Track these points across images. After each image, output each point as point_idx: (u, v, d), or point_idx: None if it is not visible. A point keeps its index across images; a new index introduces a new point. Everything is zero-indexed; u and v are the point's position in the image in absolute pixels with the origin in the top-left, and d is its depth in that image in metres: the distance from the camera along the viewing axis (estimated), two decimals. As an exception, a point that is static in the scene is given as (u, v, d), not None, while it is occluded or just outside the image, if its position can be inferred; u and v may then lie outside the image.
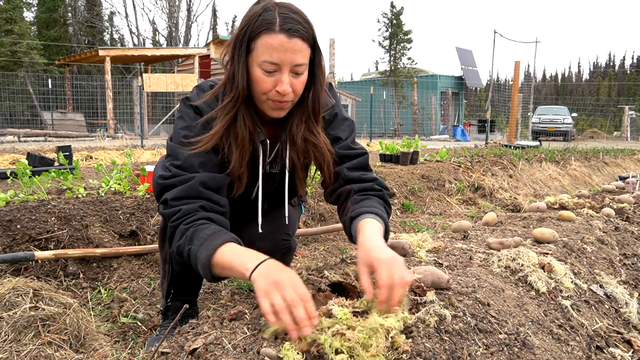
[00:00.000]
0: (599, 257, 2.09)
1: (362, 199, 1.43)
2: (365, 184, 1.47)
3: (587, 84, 64.75)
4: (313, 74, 1.37)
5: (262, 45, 1.26)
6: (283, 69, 1.28)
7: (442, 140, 17.18)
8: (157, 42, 29.75)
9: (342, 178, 1.49)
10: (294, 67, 1.28)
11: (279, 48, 1.25)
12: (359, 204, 1.40)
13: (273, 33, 1.25)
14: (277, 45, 1.25)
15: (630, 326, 1.69)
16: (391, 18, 22.93)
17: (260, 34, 1.26)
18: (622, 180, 5.16)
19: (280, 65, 1.27)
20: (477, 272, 1.53)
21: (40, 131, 12.64)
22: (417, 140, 5.53)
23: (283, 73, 1.28)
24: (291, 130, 1.44)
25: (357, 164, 1.51)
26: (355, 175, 1.48)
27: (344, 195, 1.49)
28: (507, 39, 20.11)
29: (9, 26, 17.26)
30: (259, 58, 1.27)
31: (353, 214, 1.37)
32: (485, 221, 2.51)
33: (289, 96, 1.32)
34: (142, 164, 5.45)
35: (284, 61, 1.26)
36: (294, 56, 1.27)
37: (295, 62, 1.27)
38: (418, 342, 1.05)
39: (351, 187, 1.47)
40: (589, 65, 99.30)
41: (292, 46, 1.26)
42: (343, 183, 1.49)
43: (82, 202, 2.61)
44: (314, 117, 1.43)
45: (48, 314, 1.52)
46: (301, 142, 1.44)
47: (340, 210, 1.51)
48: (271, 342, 1.01)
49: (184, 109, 1.42)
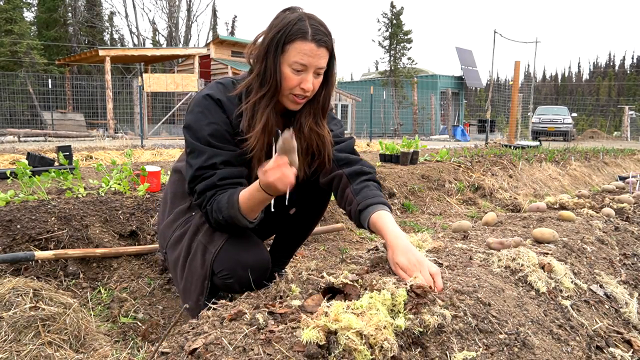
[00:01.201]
0: (599, 257, 2.09)
1: (361, 189, 1.64)
2: (354, 167, 1.71)
3: (587, 84, 64.76)
4: (327, 78, 1.64)
5: (295, 49, 1.51)
6: (309, 70, 1.54)
7: (442, 140, 17.18)
8: (157, 42, 29.74)
9: (332, 159, 1.74)
10: (317, 70, 1.55)
11: (309, 54, 1.51)
12: (361, 195, 1.62)
13: (306, 41, 1.51)
14: (308, 51, 1.51)
15: (630, 326, 1.69)
16: (391, 18, 22.93)
17: (296, 40, 1.51)
18: (622, 180, 5.16)
19: (308, 67, 1.53)
20: (477, 272, 1.53)
21: (40, 131, 12.63)
22: (417, 140, 5.53)
23: (308, 73, 1.54)
24: (300, 120, 1.67)
25: (344, 146, 1.77)
26: (343, 157, 1.74)
27: (336, 179, 1.72)
28: (507, 39, 20.09)
29: (9, 26, 17.25)
30: (291, 59, 1.52)
31: (361, 207, 1.59)
32: (485, 221, 2.51)
33: (309, 92, 1.57)
34: (142, 164, 5.45)
35: (311, 64, 1.53)
36: (319, 61, 1.54)
37: (319, 66, 1.55)
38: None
39: (342, 171, 1.70)
40: (589, 65, 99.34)
41: (319, 53, 1.53)
42: (333, 165, 1.74)
43: (82, 202, 2.61)
44: (322, 112, 1.69)
45: (48, 314, 1.52)
46: (307, 131, 1.67)
47: (338, 196, 1.72)
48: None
49: (206, 104, 1.61)
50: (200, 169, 1.57)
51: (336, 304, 1.10)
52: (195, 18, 36.54)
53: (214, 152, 1.57)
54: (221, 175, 1.57)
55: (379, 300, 1.14)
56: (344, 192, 1.68)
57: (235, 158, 1.60)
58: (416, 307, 1.19)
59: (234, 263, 1.59)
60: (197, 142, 1.58)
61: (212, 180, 1.56)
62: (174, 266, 1.75)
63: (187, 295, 1.70)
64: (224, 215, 1.55)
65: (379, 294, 1.17)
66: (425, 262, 1.39)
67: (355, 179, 1.68)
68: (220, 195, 1.56)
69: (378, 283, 1.28)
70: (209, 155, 1.57)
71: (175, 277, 1.76)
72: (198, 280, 1.66)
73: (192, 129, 1.59)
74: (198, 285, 1.66)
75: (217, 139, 1.58)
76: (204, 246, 1.65)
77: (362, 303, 1.13)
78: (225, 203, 1.53)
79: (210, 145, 1.57)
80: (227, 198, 1.54)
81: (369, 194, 1.61)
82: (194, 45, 26.70)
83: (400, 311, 1.15)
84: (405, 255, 1.41)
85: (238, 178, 1.60)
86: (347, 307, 1.10)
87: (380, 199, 1.60)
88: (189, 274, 1.68)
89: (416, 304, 1.20)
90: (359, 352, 0.98)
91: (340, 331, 1.00)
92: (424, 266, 1.37)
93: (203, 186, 1.57)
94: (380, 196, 1.62)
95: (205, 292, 1.65)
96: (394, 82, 22.16)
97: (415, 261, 1.39)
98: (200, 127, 1.58)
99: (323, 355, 0.97)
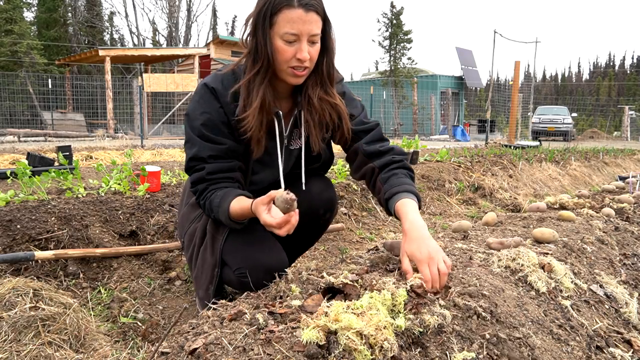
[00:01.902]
0: (599, 257, 2.09)
1: (389, 177, 1.60)
2: (385, 158, 1.66)
3: (587, 84, 64.74)
4: (325, 44, 1.56)
5: (283, 19, 1.45)
6: (302, 39, 1.47)
7: (442, 140, 17.17)
8: (157, 42, 29.73)
9: (362, 153, 1.69)
10: (310, 37, 1.48)
11: (298, 21, 1.44)
12: (388, 183, 1.59)
13: (293, 8, 1.44)
14: (297, 18, 1.44)
15: (630, 326, 1.69)
16: (391, 18, 22.90)
17: (282, 9, 1.44)
18: (622, 180, 5.16)
19: (299, 36, 1.46)
20: (477, 272, 1.53)
21: (40, 131, 12.64)
22: (417, 140, 5.53)
23: (302, 42, 1.47)
24: (307, 92, 1.61)
25: (372, 137, 1.71)
26: (373, 149, 1.68)
27: (369, 173, 1.68)
28: (507, 39, 20.12)
29: (9, 26, 17.24)
30: (281, 30, 1.45)
31: (387, 195, 1.56)
32: (485, 221, 2.51)
33: (307, 63, 1.50)
34: (142, 164, 5.45)
35: (302, 32, 1.45)
36: (310, 27, 1.46)
37: (312, 33, 1.47)
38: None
39: (374, 164, 1.66)
40: (589, 65, 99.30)
41: (309, 19, 1.45)
42: (364, 159, 1.69)
43: (82, 202, 2.61)
44: (328, 80, 1.62)
45: (48, 314, 1.52)
46: (317, 102, 1.61)
47: (371, 187, 1.70)
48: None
49: (202, 92, 1.59)
50: (192, 159, 1.58)
51: (336, 304, 1.10)
52: (195, 18, 36.57)
53: (204, 145, 1.56)
54: (209, 170, 1.56)
55: (379, 300, 1.14)
56: (375, 183, 1.66)
57: (225, 151, 1.58)
58: (416, 307, 1.19)
59: (254, 262, 1.59)
60: (191, 132, 1.58)
61: (201, 174, 1.57)
62: (190, 256, 1.79)
63: (198, 283, 1.74)
64: (214, 215, 1.58)
65: (379, 294, 1.17)
66: (437, 256, 1.33)
67: (385, 168, 1.65)
68: (212, 195, 1.56)
69: (378, 283, 1.28)
70: (200, 148, 1.57)
71: (191, 266, 1.80)
72: (208, 269, 1.68)
73: (189, 117, 1.60)
74: (208, 274, 1.68)
75: (209, 129, 1.57)
76: (212, 235, 1.68)
77: (362, 303, 1.13)
78: (217, 206, 1.54)
79: (202, 137, 1.57)
80: (219, 202, 1.54)
81: (395, 182, 1.58)
82: (194, 45, 26.69)
83: (400, 311, 1.15)
84: (416, 244, 1.37)
85: (227, 172, 1.60)
86: (347, 307, 1.10)
87: (406, 186, 1.56)
88: (200, 263, 1.72)
89: (416, 304, 1.20)
90: (359, 352, 0.98)
91: (340, 331, 1.00)
92: (434, 261, 1.32)
93: (194, 178, 1.60)
94: (408, 183, 1.58)
95: (214, 281, 1.67)
96: (394, 82, 22.14)
97: (426, 253, 1.34)
98: (195, 116, 1.58)
99: (323, 355, 0.97)
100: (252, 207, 1.44)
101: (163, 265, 2.44)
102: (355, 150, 1.72)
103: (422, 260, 1.33)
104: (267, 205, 1.39)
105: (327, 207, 1.85)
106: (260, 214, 1.39)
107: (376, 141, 1.71)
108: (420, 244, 1.37)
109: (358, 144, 1.71)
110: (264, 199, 1.39)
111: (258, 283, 1.57)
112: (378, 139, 1.72)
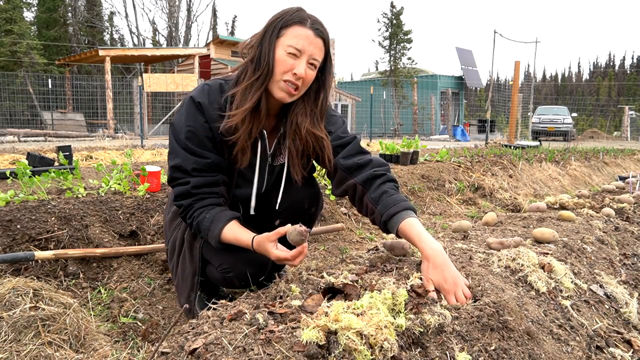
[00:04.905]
0: (599, 257, 2.09)
1: (379, 196, 1.57)
2: (365, 172, 1.63)
3: (587, 84, 64.74)
4: (324, 78, 1.61)
5: (292, 32, 1.50)
6: (303, 56, 1.50)
7: (442, 140, 17.17)
8: (157, 42, 29.72)
9: (340, 168, 1.67)
10: (311, 59, 1.51)
11: (305, 39, 1.49)
12: (382, 203, 1.55)
13: (304, 27, 1.50)
14: (304, 36, 1.50)
15: (630, 326, 1.69)
16: (391, 18, 22.91)
17: (293, 24, 1.50)
18: (622, 180, 5.16)
19: (302, 52, 1.50)
20: (477, 272, 1.53)
21: (40, 131, 12.62)
22: (417, 140, 5.52)
23: (302, 59, 1.50)
24: (297, 120, 1.62)
25: (349, 150, 1.69)
26: (351, 163, 1.66)
27: (351, 190, 1.65)
28: (507, 39, 20.11)
29: (9, 26, 17.23)
30: (286, 42, 1.49)
31: (385, 217, 1.53)
32: (485, 221, 2.51)
33: (300, 82, 1.52)
34: (142, 164, 5.45)
35: (306, 50, 1.50)
36: (314, 50, 1.51)
37: (314, 56, 1.51)
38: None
39: (355, 180, 1.63)
40: (589, 65, 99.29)
41: (316, 42, 1.51)
42: (343, 174, 1.66)
43: (82, 202, 2.61)
44: (320, 114, 1.64)
45: (48, 314, 1.52)
46: (304, 132, 1.62)
47: (357, 206, 1.67)
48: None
49: (188, 106, 1.59)
50: (176, 170, 1.58)
51: (336, 304, 1.10)
52: (195, 18, 36.50)
53: (188, 157, 1.56)
54: (194, 184, 1.56)
55: (380, 300, 1.14)
56: (362, 202, 1.62)
57: (209, 165, 1.57)
58: (417, 307, 1.19)
59: (235, 257, 1.61)
60: (176, 144, 1.58)
61: (185, 188, 1.57)
62: (172, 265, 1.81)
63: (180, 292, 1.77)
64: (202, 236, 1.59)
65: (380, 294, 1.17)
66: (460, 282, 1.36)
67: (370, 186, 1.60)
68: (200, 215, 1.56)
69: (378, 283, 1.28)
70: (184, 160, 1.56)
71: (173, 274, 1.83)
72: (188, 277, 1.71)
73: (175, 129, 1.60)
74: (188, 282, 1.71)
75: (193, 143, 1.56)
76: (190, 243, 1.70)
77: (362, 303, 1.13)
78: (206, 229, 1.54)
79: (186, 149, 1.56)
80: (209, 226, 1.54)
81: (389, 201, 1.54)
82: (194, 45, 26.70)
83: (400, 311, 1.15)
84: (441, 273, 1.36)
85: (212, 186, 1.59)
86: (347, 307, 1.10)
87: (402, 204, 1.54)
88: (181, 271, 1.74)
89: (417, 304, 1.20)
90: (359, 352, 0.98)
91: (341, 331, 1.00)
92: (459, 287, 1.34)
93: (178, 191, 1.59)
94: (401, 200, 1.56)
95: (195, 288, 1.69)
96: (394, 82, 22.14)
97: (451, 281, 1.34)
98: (180, 128, 1.57)
99: (323, 355, 0.97)
100: (254, 245, 1.47)
101: (163, 265, 2.44)
102: (334, 166, 1.68)
103: (450, 290, 1.33)
104: (274, 243, 1.44)
105: (311, 201, 1.85)
106: (270, 251, 1.44)
107: (353, 155, 1.68)
108: (445, 273, 1.36)
109: (335, 160, 1.67)
110: (271, 236, 1.43)
111: (241, 277, 1.61)
112: (355, 152, 1.69)
